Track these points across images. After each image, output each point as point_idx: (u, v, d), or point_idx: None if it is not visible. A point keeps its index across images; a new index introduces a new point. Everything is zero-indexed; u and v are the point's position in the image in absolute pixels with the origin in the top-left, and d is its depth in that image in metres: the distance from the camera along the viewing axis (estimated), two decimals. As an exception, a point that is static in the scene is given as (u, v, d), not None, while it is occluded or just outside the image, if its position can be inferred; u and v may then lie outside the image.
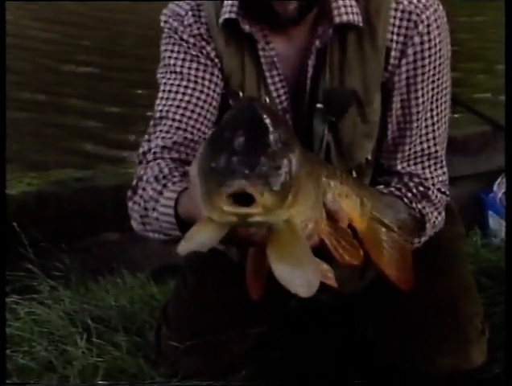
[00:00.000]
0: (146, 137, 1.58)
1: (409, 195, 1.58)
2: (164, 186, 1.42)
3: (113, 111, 5.94)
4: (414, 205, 1.57)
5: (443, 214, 1.65)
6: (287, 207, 1.07)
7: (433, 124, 1.60)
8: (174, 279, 2.13)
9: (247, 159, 1.03)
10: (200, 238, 1.10)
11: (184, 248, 1.13)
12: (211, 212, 1.06)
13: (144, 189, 1.46)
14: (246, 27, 1.52)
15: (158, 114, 1.58)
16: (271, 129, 1.07)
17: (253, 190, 1.01)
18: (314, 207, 1.20)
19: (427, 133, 1.61)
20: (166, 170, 1.47)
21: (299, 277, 1.11)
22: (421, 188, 1.60)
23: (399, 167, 1.62)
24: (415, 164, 1.62)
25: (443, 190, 1.64)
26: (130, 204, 1.51)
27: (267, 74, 1.56)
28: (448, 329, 1.66)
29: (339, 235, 1.29)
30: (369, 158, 1.62)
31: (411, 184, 1.60)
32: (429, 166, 1.63)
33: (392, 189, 1.59)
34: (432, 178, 1.63)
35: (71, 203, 2.67)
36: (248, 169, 1.02)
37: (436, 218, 1.63)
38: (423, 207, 1.60)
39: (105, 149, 5.05)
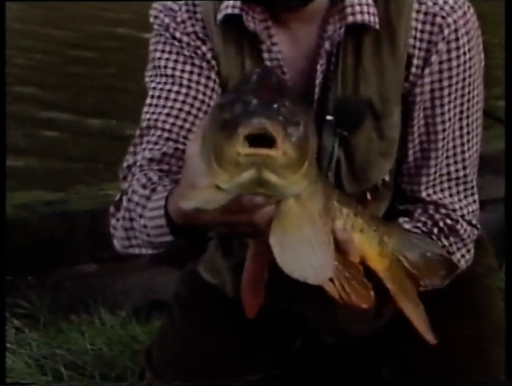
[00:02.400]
0: (132, 149, 1.58)
1: (435, 230, 1.58)
2: (153, 190, 1.42)
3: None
4: (441, 242, 1.57)
5: (473, 251, 1.64)
6: (302, 175, 1.10)
7: (462, 144, 1.59)
8: (159, 318, 2.14)
9: (267, 104, 1.07)
10: (205, 196, 1.12)
11: (188, 203, 1.15)
12: (219, 175, 1.08)
13: (129, 200, 1.47)
14: (251, 25, 1.52)
15: (145, 123, 1.58)
16: (289, 89, 1.14)
17: (275, 131, 1.05)
18: (322, 215, 1.21)
19: (455, 155, 1.59)
20: (155, 178, 1.46)
21: (308, 257, 1.13)
22: (448, 221, 1.59)
23: (424, 194, 1.61)
24: (442, 190, 1.61)
25: (473, 222, 1.62)
26: (112, 222, 1.51)
27: None
28: (479, 377, 1.65)
29: (347, 271, 1.29)
30: (387, 179, 1.61)
31: (437, 216, 1.59)
32: (457, 193, 1.61)
33: (418, 224, 1.58)
34: (461, 208, 1.61)
35: (39, 229, 2.68)
36: (269, 110, 1.06)
37: (463, 256, 1.62)
38: (451, 244, 1.59)
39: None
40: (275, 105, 1.08)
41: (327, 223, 1.25)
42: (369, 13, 1.51)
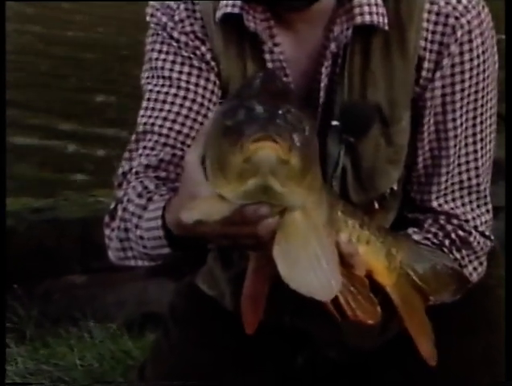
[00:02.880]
0: (127, 154, 1.57)
1: (447, 242, 1.56)
2: (149, 199, 1.42)
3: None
4: (453, 255, 1.56)
5: (485, 264, 1.63)
6: (308, 183, 1.10)
7: (475, 151, 1.58)
8: (153, 331, 2.13)
9: (271, 110, 1.08)
10: (207, 207, 1.12)
11: (189, 215, 1.14)
12: (222, 184, 1.09)
13: (125, 209, 1.46)
14: (251, 25, 1.51)
15: (141, 128, 1.57)
16: (293, 94, 1.16)
17: (280, 138, 1.06)
18: (326, 227, 1.22)
19: (467, 162, 1.58)
20: (151, 186, 1.46)
21: (314, 271, 1.13)
22: (461, 233, 1.58)
23: (435, 204, 1.60)
24: (453, 200, 1.60)
25: (486, 233, 1.61)
26: (107, 232, 1.51)
27: None
28: None
29: (352, 285, 1.29)
30: (395, 188, 1.60)
31: (449, 227, 1.58)
32: (470, 202, 1.60)
33: (428, 235, 1.57)
34: (474, 218, 1.60)
35: (27, 238, 2.67)
36: (273, 116, 1.08)
37: (475, 269, 1.61)
38: (463, 257, 1.58)
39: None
40: (280, 111, 1.08)
41: (330, 235, 1.24)
42: (377, 13, 1.49)
